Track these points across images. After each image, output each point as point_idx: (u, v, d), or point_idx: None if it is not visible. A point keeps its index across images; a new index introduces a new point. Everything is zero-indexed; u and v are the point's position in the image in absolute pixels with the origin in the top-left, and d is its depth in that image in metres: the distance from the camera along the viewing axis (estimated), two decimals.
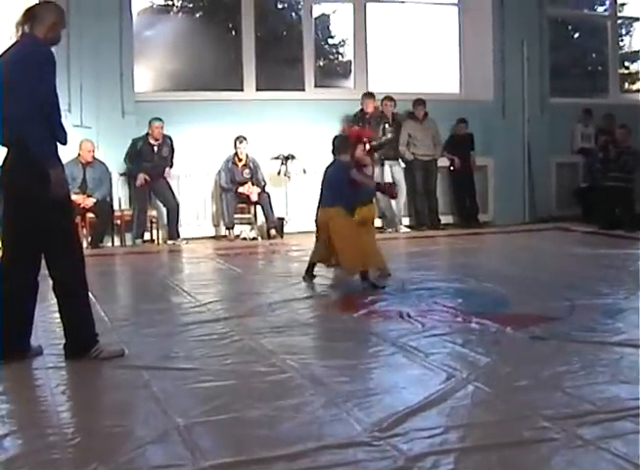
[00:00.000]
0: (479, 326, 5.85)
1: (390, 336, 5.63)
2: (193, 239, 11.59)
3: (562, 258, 9.71)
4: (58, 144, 4.98)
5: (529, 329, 5.71)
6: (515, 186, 13.41)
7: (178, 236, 11.47)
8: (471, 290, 7.56)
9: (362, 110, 12.48)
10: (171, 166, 11.58)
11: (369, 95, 12.54)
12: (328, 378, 4.64)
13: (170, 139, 11.59)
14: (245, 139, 11.81)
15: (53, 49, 5.04)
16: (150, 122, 11.38)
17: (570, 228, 12.31)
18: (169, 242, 11.41)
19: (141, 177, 11.30)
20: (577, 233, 11.94)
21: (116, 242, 11.35)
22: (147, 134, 11.47)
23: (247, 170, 11.88)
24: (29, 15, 5.03)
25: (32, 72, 4.76)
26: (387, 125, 12.46)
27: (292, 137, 12.17)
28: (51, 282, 5.07)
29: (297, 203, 12.06)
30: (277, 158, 12.06)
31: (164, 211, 11.58)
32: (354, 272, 7.78)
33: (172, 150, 11.62)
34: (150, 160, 11.41)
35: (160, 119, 11.40)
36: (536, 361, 4.95)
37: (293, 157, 12.04)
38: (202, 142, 11.95)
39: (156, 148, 11.49)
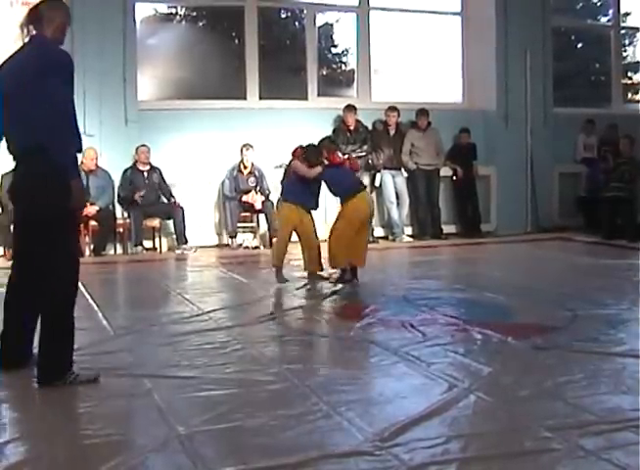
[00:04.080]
0: (481, 336, 5.85)
1: (392, 345, 5.62)
2: (195, 247, 11.56)
3: (564, 268, 9.71)
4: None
5: (531, 339, 5.71)
6: (517, 196, 13.40)
7: (186, 241, 11.47)
8: (473, 299, 7.56)
9: (343, 122, 12.52)
10: (171, 195, 11.67)
11: (350, 108, 12.50)
12: (329, 387, 4.64)
13: (159, 169, 11.63)
14: (251, 147, 11.86)
15: None
16: (137, 149, 11.45)
17: (572, 238, 12.31)
18: (177, 251, 11.37)
19: (137, 196, 11.32)
20: (580, 243, 11.94)
21: (119, 250, 11.36)
22: (135, 162, 11.53)
23: (252, 179, 11.91)
24: (36, 14, 4.81)
25: (56, 78, 4.59)
26: (365, 140, 12.48)
27: (294, 146, 12.15)
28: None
29: None
30: (279, 166, 12.06)
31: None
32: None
33: (163, 180, 11.66)
34: (141, 186, 11.44)
35: (146, 145, 11.45)
36: (538, 371, 4.95)
37: None
38: (204, 151, 11.97)
39: (145, 174, 11.51)
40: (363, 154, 12.32)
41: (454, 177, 13.11)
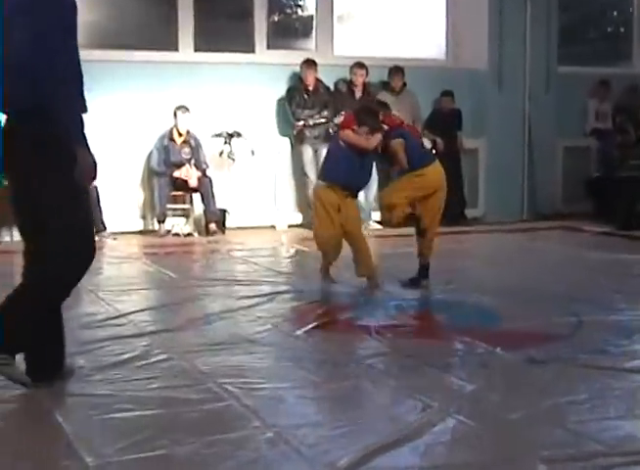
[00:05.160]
0: (463, 346, 5.88)
1: (354, 356, 5.65)
2: (115, 234, 11.49)
3: (568, 264, 9.78)
4: None
5: (525, 350, 5.75)
6: (512, 175, 13.49)
7: (104, 228, 11.39)
8: (454, 302, 7.61)
9: (300, 80, 12.53)
10: None
11: (310, 63, 12.53)
12: (275, 407, 4.65)
13: None
14: (187, 110, 11.74)
15: None
16: None
17: (579, 228, 12.42)
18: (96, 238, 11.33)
19: None
20: (588, 234, 12.06)
21: (16, 237, 11.28)
22: None
23: (186, 149, 11.81)
24: None
25: (50, 21, 4.57)
26: (326, 104, 12.50)
27: (238, 111, 12.14)
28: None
29: (243, 191, 12.05)
30: (219, 135, 12.03)
31: None
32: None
33: None
34: None
35: None
36: (533, 390, 4.99)
37: (238, 134, 12.01)
38: (124, 115, 11.80)
39: None
40: (323, 120, 12.33)
41: (434, 151, 13.14)
